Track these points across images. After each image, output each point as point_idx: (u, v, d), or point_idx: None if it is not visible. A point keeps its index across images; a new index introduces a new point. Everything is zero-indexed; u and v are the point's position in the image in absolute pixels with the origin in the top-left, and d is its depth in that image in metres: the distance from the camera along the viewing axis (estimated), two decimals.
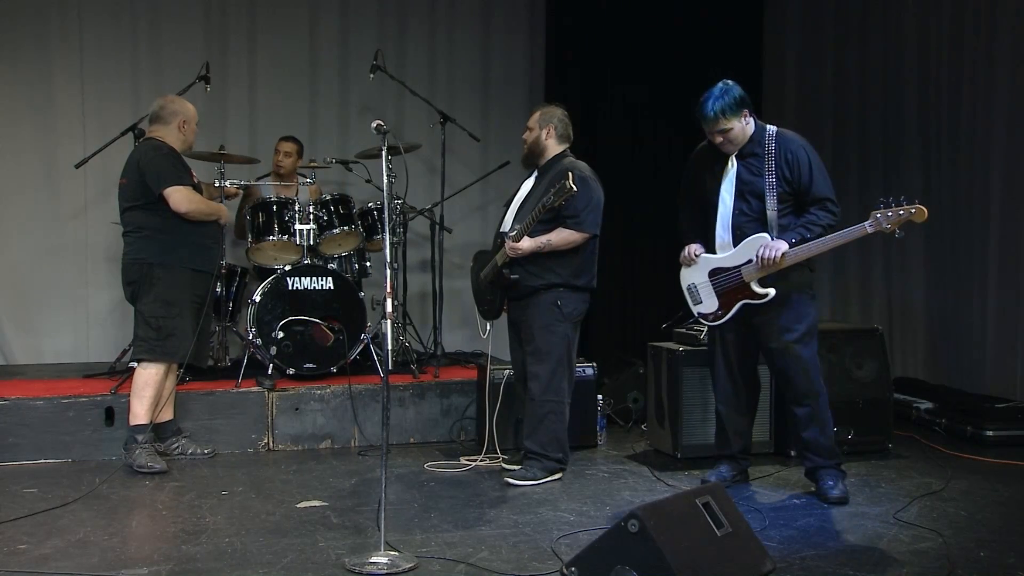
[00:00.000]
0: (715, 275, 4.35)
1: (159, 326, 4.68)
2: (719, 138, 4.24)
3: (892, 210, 3.88)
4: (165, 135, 4.83)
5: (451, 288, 6.79)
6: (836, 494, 4.17)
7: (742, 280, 4.24)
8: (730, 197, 4.27)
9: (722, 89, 4.20)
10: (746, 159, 4.26)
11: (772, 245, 4.11)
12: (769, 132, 4.25)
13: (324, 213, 5.87)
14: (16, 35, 6.55)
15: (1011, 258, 5.73)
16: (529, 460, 4.55)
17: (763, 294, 4.20)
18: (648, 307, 7.54)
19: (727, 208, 4.28)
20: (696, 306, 4.49)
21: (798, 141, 4.24)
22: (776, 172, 4.17)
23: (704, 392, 4.96)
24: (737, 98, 4.17)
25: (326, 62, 7.16)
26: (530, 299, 4.53)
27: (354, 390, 5.32)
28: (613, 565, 2.90)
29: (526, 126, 4.74)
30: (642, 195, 7.40)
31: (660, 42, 7.43)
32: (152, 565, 3.33)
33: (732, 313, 4.31)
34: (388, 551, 3.35)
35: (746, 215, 4.24)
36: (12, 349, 6.59)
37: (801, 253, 4.10)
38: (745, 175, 4.24)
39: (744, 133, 4.23)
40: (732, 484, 4.42)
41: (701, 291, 4.44)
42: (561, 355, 4.52)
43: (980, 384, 5.89)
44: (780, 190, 4.18)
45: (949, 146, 6.22)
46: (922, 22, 6.45)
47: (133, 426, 4.70)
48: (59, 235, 6.64)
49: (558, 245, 4.46)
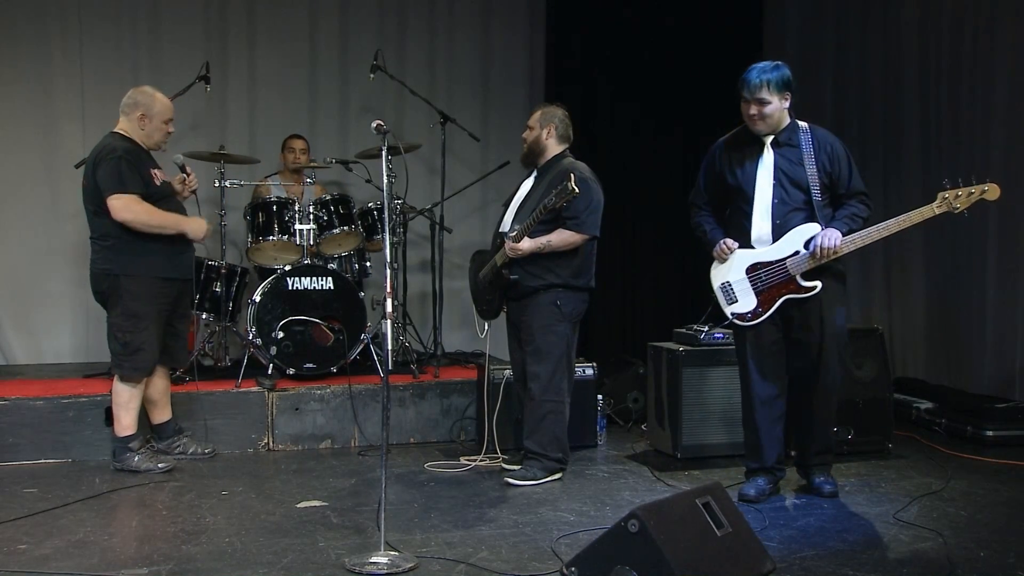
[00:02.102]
0: (754, 271, 4.16)
1: (126, 341, 4.56)
2: (754, 108, 4.09)
3: (962, 189, 3.80)
4: (127, 129, 4.62)
5: (451, 288, 6.79)
6: (830, 488, 4.22)
7: (788, 274, 4.09)
8: (769, 186, 4.13)
9: (774, 65, 4.12)
10: (782, 148, 4.15)
11: (829, 234, 3.99)
12: (803, 127, 4.18)
13: (324, 213, 5.88)
14: (16, 35, 6.55)
15: (1011, 258, 5.73)
16: (529, 460, 4.55)
17: (810, 287, 4.06)
18: (648, 307, 7.56)
19: (766, 198, 4.13)
20: (730, 306, 4.24)
21: (830, 134, 4.22)
22: (818, 164, 4.09)
23: (704, 392, 4.97)
24: (785, 77, 4.09)
25: (326, 62, 7.16)
26: (529, 299, 4.53)
27: (354, 390, 5.32)
28: (613, 565, 2.90)
29: (526, 125, 4.73)
30: (642, 195, 7.40)
31: (660, 41, 7.44)
32: (152, 565, 3.33)
33: (772, 311, 4.14)
34: (388, 551, 3.35)
35: (787, 204, 4.11)
36: (12, 349, 6.59)
37: (857, 240, 4.01)
38: (784, 164, 4.13)
39: (779, 117, 4.13)
40: (769, 498, 4.22)
41: (737, 289, 4.22)
42: (561, 355, 4.51)
43: (980, 384, 5.89)
44: (822, 182, 4.11)
45: (949, 146, 6.22)
46: (922, 22, 6.45)
47: (121, 437, 4.64)
48: (59, 235, 6.64)
49: (558, 246, 4.45)
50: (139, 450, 4.67)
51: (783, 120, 4.17)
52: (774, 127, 4.16)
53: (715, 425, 4.98)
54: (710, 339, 5.05)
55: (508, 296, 4.62)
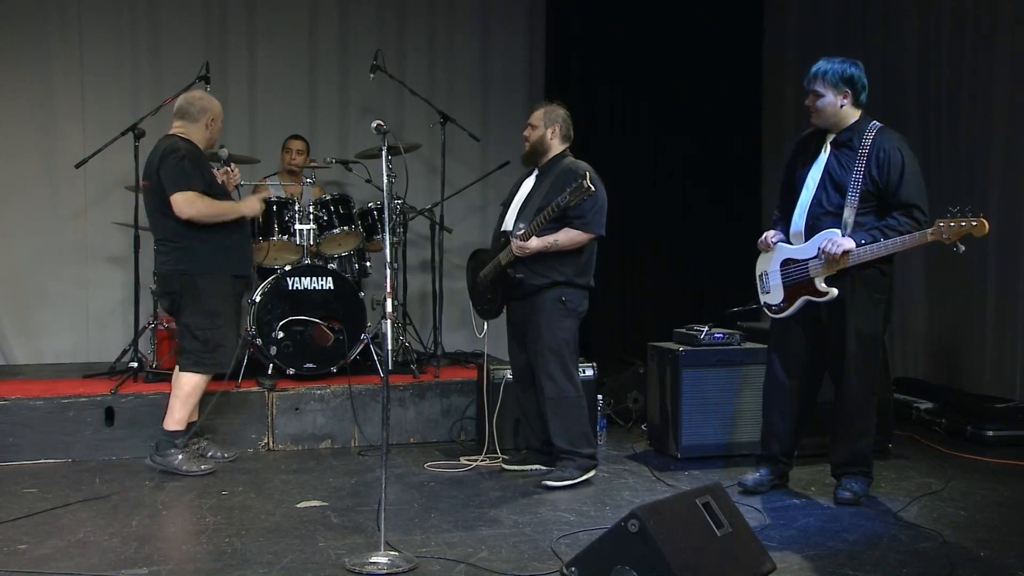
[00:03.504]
0: (786, 266, 4.21)
1: (207, 338, 4.59)
2: (808, 98, 4.13)
3: (955, 220, 3.71)
4: (190, 132, 4.69)
5: (451, 288, 6.79)
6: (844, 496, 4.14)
7: (808, 275, 4.10)
8: (814, 185, 4.13)
9: (841, 59, 4.12)
10: (840, 148, 4.11)
11: (836, 240, 3.97)
12: (871, 126, 4.08)
13: (324, 213, 5.88)
14: (16, 35, 6.55)
15: (1011, 258, 5.73)
16: (562, 460, 4.50)
17: (824, 292, 4.05)
18: (648, 307, 7.56)
19: (808, 196, 4.15)
20: (764, 295, 4.34)
21: (896, 140, 4.05)
22: (865, 169, 4.01)
23: (704, 392, 4.96)
24: (843, 72, 4.06)
25: (326, 62, 7.16)
26: (534, 298, 4.49)
27: (354, 390, 5.32)
28: (613, 565, 2.90)
29: (528, 123, 4.70)
30: (642, 195, 7.40)
31: (660, 42, 7.44)
32: (152, 565, 3.33)
33: (794, 309, 4.16)
34: (388, 551, 3.35)
35: (823, 207, 4.09)
36: (12, 349, 6.59)
37: (864, 255, 3.94)
38: (834, 166, 4.10)
39: (835, 112, 4.09)
40: (770, 488, 4.33)
41: (770, 280, 4.28)
42: (570, 350, 4.51)
43: (980, 384, 5.89)
44: (864, 188, 4.00)
45: (949, 146, 6.22)
46: (922, 22, 6.45)
47: (171, 431, 4.61)
48: (59, 235, 6.64)
49: (564, 245, 4.43)
50: (183, 448, 4.64)
51: (845, 118, 4.12)
52: (832, 123, 4.14)
53: (715, 425, 4.97)
54: (710, 339, 5.06)
55: (512, 295, 4.58)
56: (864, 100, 4.14)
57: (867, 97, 4.15)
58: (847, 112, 4.11)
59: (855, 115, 4.13)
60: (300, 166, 6.40)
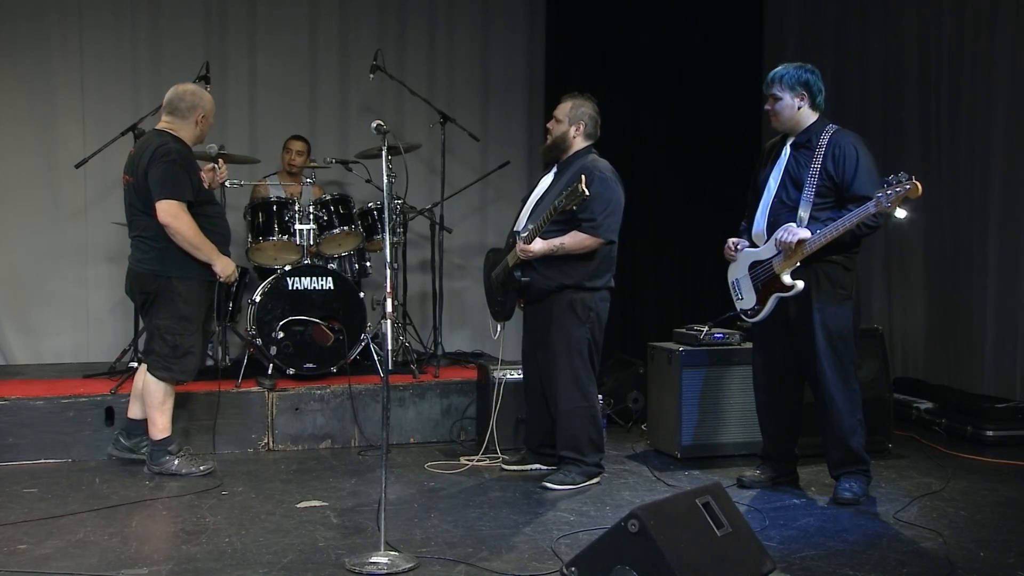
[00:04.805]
0: (754, 268, 4.27)
1: (176, 343, 4.53)
2: (767, 103, 4.24)
3: (892, 188, 3.79)
4: (179, 129, 4.57)
5: (451, 288, 6.79)
6: (844, 495, 4.14)
7: (773, 272, 4.16)
8: (775, 185, 4.22)
9: (797, 64, 4.22)
10: (799, 149, 4.20)
11: (791, 229, 4.03)
12: (828, 128, 4.18)
13: (324, 213, 5.87)
14: (16, 35, 6.55)
15: (1011, 258, 5.73)
16: (567, 465, 4.45)
17: (790, 285, 4.09)
18: (648, 307, 7.55)
19: (769, 197, 4.23)
20: (738, 302, 4.40)
21: (851, 138, 4.15)
22: (820, 166, 4.09)
23: (704, 392, 4.96)
24: (799, 77, 4.16)
25: (326, 62, 7.16)
26: (544, 302, 4.41)
27: (354, 390, 5.32)
28: (613, 565, 2.90)
29: (553, 115, 4.58)
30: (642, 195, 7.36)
31: (661, 42, 7.43)
32: (152, 565, 3.34)
33: (768, 308, 4.21)
34: (388, 551, 3.35)
35: (784, 204, 4.17)
36: (12, 349, 6.59)
37: (818, 240, 3.99)
38: (793, 165, 4.19)
39: (793, 115, 4.18)
40: (771, 486, 4.38)
41: (742, 286, 4.35)
42: (583, 358, 4.40)
43: (980, 384, 5.89)
44: (820, 184, 4.08)
45: (949, 146, 6.22)
46: (922, 22, 6.45)
47: (159, 440, 4.58)
48: (59, 235, 6.64)
49: (571, 249, 4.30)
50: (178, 453, 4.62)
51: (803, 120, 4.21)
52: (791, 126, 4.23)
53: (715, 425, 4.98)
54: (710, 339, 5.06)
55: (523, 298, 4.51)
56: (821, 103, 4.23)
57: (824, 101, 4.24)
58: (805, 114, 4.20)
59: (813, 117, 4.22)
60: (300, 166, 6.40)
